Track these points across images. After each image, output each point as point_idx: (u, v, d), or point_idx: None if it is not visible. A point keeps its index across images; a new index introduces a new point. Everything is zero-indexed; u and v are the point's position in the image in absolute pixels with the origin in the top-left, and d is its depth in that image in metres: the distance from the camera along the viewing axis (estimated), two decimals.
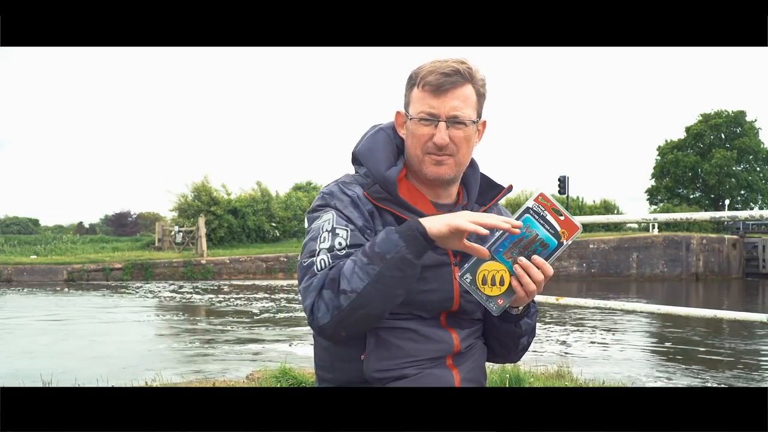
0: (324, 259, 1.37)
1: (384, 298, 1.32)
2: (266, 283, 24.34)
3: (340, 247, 1.38)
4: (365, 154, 1.53)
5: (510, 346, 1.59)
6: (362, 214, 1.45)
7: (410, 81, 1.49)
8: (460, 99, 1.44)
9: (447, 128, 1.44)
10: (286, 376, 4.52)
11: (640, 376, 8.25)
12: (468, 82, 1.45)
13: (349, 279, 1.31)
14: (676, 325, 12.93)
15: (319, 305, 1.33)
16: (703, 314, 4.34)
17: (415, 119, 1.46)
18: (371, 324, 1.39)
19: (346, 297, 1.30)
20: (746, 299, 21.91)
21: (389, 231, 1.33)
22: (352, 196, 1.46)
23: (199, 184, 33.86)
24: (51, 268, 25.50)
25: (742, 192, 41.83)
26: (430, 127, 1.44)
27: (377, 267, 1.30)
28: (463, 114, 1.44)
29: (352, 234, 1.40)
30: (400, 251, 1.30)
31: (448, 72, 1.42)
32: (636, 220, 5.84)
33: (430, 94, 1.44)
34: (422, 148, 1.46)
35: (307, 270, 1.38)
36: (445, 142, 1.43)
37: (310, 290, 1.35)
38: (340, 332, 1.35)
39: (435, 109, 1.43)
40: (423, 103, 1.45)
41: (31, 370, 7.53)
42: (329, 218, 1.42)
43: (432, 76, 1.43)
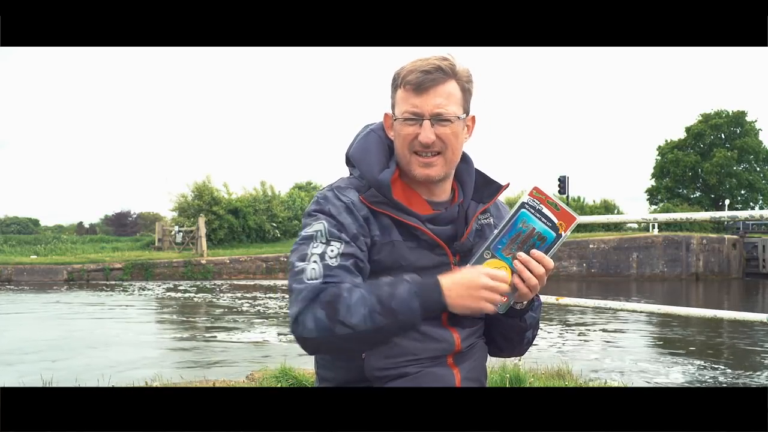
0: (315, 269, 1.37)
1: (375, 343, 1.37)
2: (267, 283, 24.34)
3: (332, 255, 1.38)
4: (358, 157, 1.53)
5: (515, 340, 1.59)
6: (356, 220, 1.44)
7: (393, 82, 1.49)
8: (442, 96, 1.43)
9: (432, 126, 1.43)
10: (286, 376, 4.52)
11: (641, 375, 8.26)
12: (451, 78, 1.45)
13: (353, 313, 1.30)
14: (676, 325, 12.94)
15: (307, 318, 1.32)
16: (703, 314, 4.34)
17: (399, 119, 1.46)
18: (353, 354, 1.41)
19: (344, 328, 1.30)
20: (746, 299, 21.91)
21: (411, 291, 1.33)
22: (346, 203, 1.45)
23: (200, 184, 33.85)
24: (51, 268, 25.51)
25: (742, 192, 41.82)
26: (415, 127, 1.44)
27: (385, 320, 1.31)
28: (447, 111, 1.43)
29: (345, 245, 1.40)
30: (413, 318, 1.33)
31: (429, 69, 1.42)
32: (636, 220, 5.84)
33: (412, 93, 1.43)
34: (409, 148, 1.46)
35: (298, 274, 1.38)
36: (431, 140, 1.43)
37: (299, 299, 1.34)
38: (320, 350, 1.38)
39: (418, 107, 1.43)
40: (406, 102, 1.44)
41: (31, 369, 7.54)
42: (321, 228, 1.42)
43: (412, 75, 1.43)
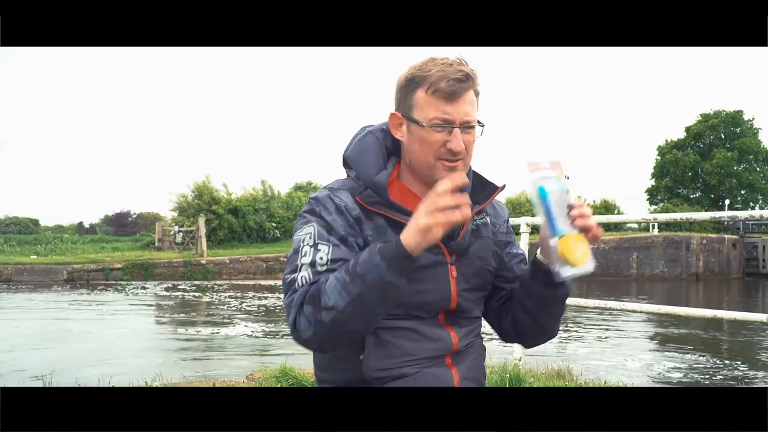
0: (305, 276, 1.38)
1: (364, 316, 1.33)
2: (267, 282, 24.35)
3: (321, 262, 1.39)
4: (355, 158, 1.53)
5: (559, 313, 1.55)
6: (346, 221, 1.44)
7: (412, 83, 1.45)
8: (469, 103, 1.43)
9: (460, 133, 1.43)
10: (286, 376, 4.51)
11: (641, 375, 8.26)
12: (473, 85, 1.45)
13: (329, 295, 1.31)
14: (676, 325, 12.94)
15: (300, 320, 1.35)
16: (703, 314, 4.34)
17: (427, 126, 1.43)
18: (356, 338, 1.40)
19: (328, 313, 1.31)
20: (746, 299, 21.91)
21: (372, 251, 1.31)
22: (338, 204, 1.45)
23: (200, 184, 33.82)
24: (51, 268, 25.49)
25: (742, 192, 41.82)
26: (443, 134, 1.42)
27: (357, 287, 1.30)
28: (473, 118, 1.44)
29: (334, 249, 1.40)
30: (380, 273, 1.29)
31: (461, 78, 1.41)
32: (636, 220, 5.83)
33: (443, 101, 1.41)
34: (434, 155, 1.44)
35: (290, 286, 1.40)
36: (462, 148, 1.42)
37: (292, 306, 1.37)
38: (323, 345, 1.37)
39: (449, 115, 1.41)
40: (436, 109, 1.42)
41: (29, 368, 7.55)
42: (311, 231, 1.42)
43: (444, 82, 1.40)
